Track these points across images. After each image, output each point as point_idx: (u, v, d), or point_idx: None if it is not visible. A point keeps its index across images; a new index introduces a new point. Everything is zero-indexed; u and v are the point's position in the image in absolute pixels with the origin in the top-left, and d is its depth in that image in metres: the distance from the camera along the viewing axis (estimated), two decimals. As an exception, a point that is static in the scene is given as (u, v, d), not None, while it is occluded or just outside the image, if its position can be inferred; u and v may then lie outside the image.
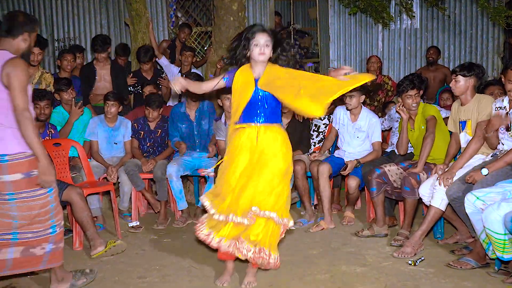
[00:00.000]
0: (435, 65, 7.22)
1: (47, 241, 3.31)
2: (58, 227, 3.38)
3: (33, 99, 4.68)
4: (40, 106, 4.75)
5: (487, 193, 3.60)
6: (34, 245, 3.29)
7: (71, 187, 4.25)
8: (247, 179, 3.37)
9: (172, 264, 4.02)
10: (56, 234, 3.36)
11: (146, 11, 6.75)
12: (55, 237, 3.36)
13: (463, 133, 4.23)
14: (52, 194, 3.30)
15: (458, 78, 4.14)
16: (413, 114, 4.61)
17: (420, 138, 4.50)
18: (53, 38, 8.34)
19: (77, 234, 4.40)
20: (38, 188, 3.21)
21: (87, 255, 4.21)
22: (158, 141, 5.40)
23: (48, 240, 3.32)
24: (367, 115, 5.03)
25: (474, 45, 8.16)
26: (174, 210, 5.20)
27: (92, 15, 8.35)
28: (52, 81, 5.48)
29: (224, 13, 6.22)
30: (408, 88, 4.52)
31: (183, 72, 6.32)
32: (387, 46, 8.29)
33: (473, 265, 3.71)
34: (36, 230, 3.27)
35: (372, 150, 5.03)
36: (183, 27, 7.22)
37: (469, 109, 4.17)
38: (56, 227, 3.36)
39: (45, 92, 4.92)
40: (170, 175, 4.98)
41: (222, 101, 5.11)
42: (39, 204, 3.24)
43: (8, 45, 3.23)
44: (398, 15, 8.12)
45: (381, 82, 6.88)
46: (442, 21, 8.14)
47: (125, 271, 3.87)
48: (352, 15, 8.07)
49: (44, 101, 4.77)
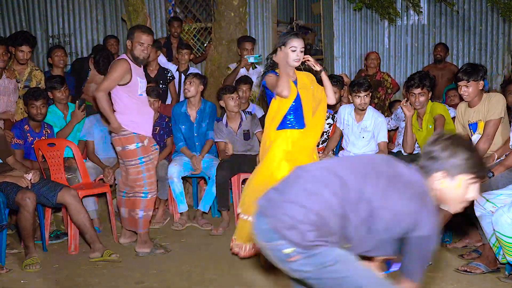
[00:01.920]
0: (443, 62, 7.21)
1: (139, 206, 4.27)
2: (150, 194, 4.29)
3: (28, 99, 4.73)
4: (36, 105, 4.73)
5: (498, 195, 3.59)
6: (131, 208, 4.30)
7: (65, 189, 4.25)
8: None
9: (171, 268, 4.02)
10: (147, 200, 4.27)
11: (143, 6, 6.74)
12: (145, 202, 4.26)
13: (476, 135, 4.20)
14: (144, 166, 4.22)
15: (470, 84, 4.09)
16: (421, 113, 4.60)
17: (428, 137, 4.48)
18: (48, 34, 8.33)
19: (72, 237, 4.40)
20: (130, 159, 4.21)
21: (83, 258, 4.21)
22: (157, 139, 5.38)
23: (140, 205, 4.26)
24: (372, 114, 5.02)
25: (484, 41, 8.14)
26: (173, 212, 5.19)
27: (88, 11, 8.34)
28: (42, 78, 5.45)
29: (224, 9, 6.23)
30: (413, 86, 4.52)
31: (180, 71, 6.31)
32: (394, 42, 8.26)
33: (482, 269, 3.70)
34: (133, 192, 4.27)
35: (378, 150, 5.02)
36: (172, 21, 7.19)
37: (479, 110, 4.14)
38: (148, 194, 4.27)
39: (40, 91, 4.89)
40: (171, 176, 4.98)
41: (225, 101, 5.10)
42: (134, 172, 4.23)
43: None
44: (404, 11, 8.09)
45: (381, 79, 6.86)
46: (451, 17, 8.11)
47: (122, 276, 3.87)
48: (357, 11, 8.04)
49: (40, 100, 4.75)
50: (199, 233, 4.90)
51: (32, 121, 4.81)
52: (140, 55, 4.20)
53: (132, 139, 4.18)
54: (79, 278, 3.87)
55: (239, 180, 5.15)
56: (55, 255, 4.35)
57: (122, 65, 4.11)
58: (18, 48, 5.23)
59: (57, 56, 5.83)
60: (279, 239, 2.00)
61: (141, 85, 4.25)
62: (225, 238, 4.71)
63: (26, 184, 4.15)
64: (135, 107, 4.21)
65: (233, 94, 5.10)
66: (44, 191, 4.22)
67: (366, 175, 2.06)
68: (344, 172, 2.08)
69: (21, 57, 5.26)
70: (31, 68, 5.43)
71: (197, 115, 5.28)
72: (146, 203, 4.29)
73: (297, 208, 2.00)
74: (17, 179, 4.17)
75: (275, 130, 3.79)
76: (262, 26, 7.92)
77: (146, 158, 4.25)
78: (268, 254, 2.09)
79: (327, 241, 1.98)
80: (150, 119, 4.38)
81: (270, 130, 3.82)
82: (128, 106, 4.18)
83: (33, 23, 8.36)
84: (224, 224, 4.94)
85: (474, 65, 4.20)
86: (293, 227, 1.97)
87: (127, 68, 4.11)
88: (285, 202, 2.05)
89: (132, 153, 4.20)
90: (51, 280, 3.84)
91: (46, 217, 4.56)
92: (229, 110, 5.13)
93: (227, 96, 5.06)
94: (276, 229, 2.00)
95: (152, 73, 6.06)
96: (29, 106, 4.76)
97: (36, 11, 8.32)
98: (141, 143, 4.20)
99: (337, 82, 5.20)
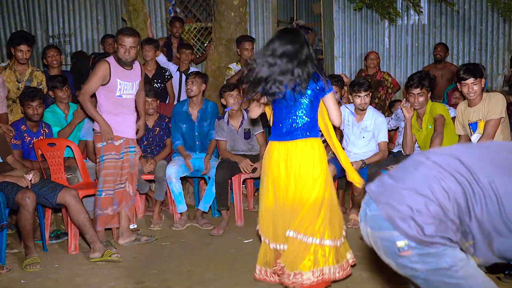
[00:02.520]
0: (443, 62, 7.22)
1: (95, 204, 4.43)
2: (104, 193, 4.37)
3: (24, 99, 4.74)
4: (33, 106, 4.73)
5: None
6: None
7: (65, 189, 4.26)
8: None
9: (171, 268, 4.03)
10: (101, 198, 4.36)
11: (144, 6, 6.75)
12: (100, 200, 4.37)
13: (476, 135, 4.22)
14: (102, 164, 4.35)
15: (477, 82, 4.11)
16: (421, 113, 4.62)
17: (428, 138, 4.51)
18: (48, 34, 8.35)
19: (72, 237, 4.41)
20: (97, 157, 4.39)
21: (83, 258, 4.23)
22: (157, 139, 5.40)
23: (96, 203, 4.43)
24: (372, 114, 5.04)
25: (484, 41, 8.16)
26: (173, 212, 5.21)
27: (88, 11, 8.36)
28: (44, 78, 5.47)
29: (224, 8, 6.23)
30: (412, 86, 4.54)
31: (181, 70, 6.33)
32: (394, 42, 8.29)
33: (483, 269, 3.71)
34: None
35: (378, 150, 5.04)
36: (173, 21, 7.22)
37: (479, 109, 4.16)
38: (102, 192, 4.36)
39: (36, 91, 4.88)
40: (170, 177, 4.99)
41: (226, 99, 5.11)
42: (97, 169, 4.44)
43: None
44: (405, 11, 8.12)
45: (381, 78, 6.88)
46: (451, 17, 8.13)
47: (122, 276, 3.88)
48: (357, 11, 8.07)
49: (36, 100, 4.75)
50: (199, 233, 4.91)
51: (29, 121, 4.82)
52: (123, 57, 4.35)
53: (99, 138, 4.36)
54: (79, 278, 3.88)
55: (240, 180, 5.17)
56: (55, 255, 4.36)
57: (100, 66, 4.30)
58: (17, 47, 5.23)
59: (49, 56, 5.87)
60: (392, 229, 1.81)
61: (122, 87, 4.38)
62: (225, 238, 4.73)
63: (26, 184, 4.16)
64: (111, 108, 4.36)
65: (233, 91, 5.10)
66: (44, 191, 4.23)
67: (498, 164, 1.82)
68: (472, 159, 1.84)
69: (20, 57, 5.26)
70: (32, 69, 5.44)
71: (198, 114, 5.30)
72: (101, 201, 4.38)
73: (416, 197, 1.79)
74: (17, 179, 4.19)
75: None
76: (262, 26, 7.94)
77: (107, 156, 4.35)
78: (375, 243, 1.92)
79: (447, 238, 1.77)
80: (129, 121, 4.48)
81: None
82: (104, 106, 4.37)
83: (33, 23, 8.38)
84: (224, 224, 4.96)
85: (474, 64, 4.23)
86: (410, 217, 1.77)
87: (106, 69, 4.29)
88: (402, 189, 1.84)
89: (98, 151, 4.40)
90: (51, 280, 3.85)
91: (46, 217, 4.58)
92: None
93: (228, 93, 5.08)
94: (389, 218, 1.80)
95: (150, 72, 6.08)
96: (25, 106, 4.76)
97: (36, 11, 8.34)
98: (107, 143, 4.33)
99: (337, 81, 5.23)
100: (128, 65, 4.40)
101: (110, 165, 4.36)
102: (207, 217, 5.28)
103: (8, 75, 5.27)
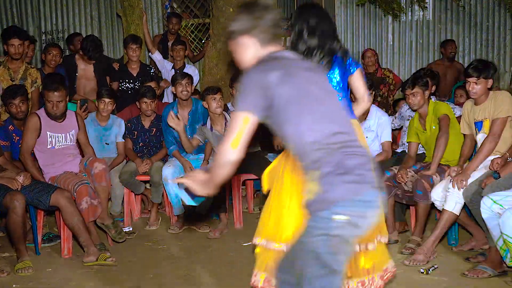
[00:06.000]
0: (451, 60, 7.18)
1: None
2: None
3: (6, 98, 4.72)
4: (15, 104, 4.67)
5: (505, 196, 3.59)
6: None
7: (59, 190, 4.25)
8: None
9: (168, 272, 4.03)
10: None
11: (139, 1, 6.74)
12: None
13: (481, 134, 4.21)
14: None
15: (480, 81, 4.10)
16: (423, 113, 4.58)
17: (432, 138, 4.49)
18: (41, 30, 8.34)
19: (65, 240, 4.40)
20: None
21: (77, 262, 4.22)
22: (153, 140, 5.37)
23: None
24: (376, 113, 5.02)
25: (491, 38, 8.15)
26: (170, 214, 5.19)
27: (82, 6, 8.35)
28: (39, 76, 5.43)
29: (223, 4, 6.22)
30: (404, 87, 4.57)
31: (176, 68, 6.30)
32: (398, 39, 8.28)
33: (489, 273, 3.71)
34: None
35: (381, 150, 5.02)
36: (170, 17, 7.20)
37: (485, 108, 4.15)
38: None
39: (17, 87, 4.81)
40: (166, 178, 4.96)
41: (208, 102, 4.96)
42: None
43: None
44: (409, 6, 8.11)
45: (382, 75, 6.81)
46: (456, 13, 8.13)
47: (118, 280, 3.88)
48: (360, 6, 8.07)
49: (18, 98, 4.67)
50: (196, 235, 4.90)
51: (16, 120, 4.79)
52: (52, 112, 4.53)
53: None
54: (73, 282, 3.88)
55: (239, 182, 5.15)
56: (48, 259, 4.35)
57: (29, 122, 4.51)
58: (8, 42, 5.14)
59: (50, 55, 5.86)
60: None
61: (53, 140, 4.56)
62: (223, 240, 4.73)
63: (17, 186, 4.15)
64: (48, 160, 4.58)
65: (217, 94, 4.98)
66: (37, 192, 4.22)
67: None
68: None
69: (13, 52, 5.16)
70: (26, 66, 5.39)
71: (189, 116, 5.23)
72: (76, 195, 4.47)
73: None
74: (8, 180, 4.18)
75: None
76: (262, 22, 7.91)
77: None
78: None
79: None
80: (66, 166, 4.61)
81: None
82: (41, 160, 4.60)
83: (26, 19, 8.37)
84: (221, 227, 4.94)
85: (485, 61, 4.19)
86: None
87: (35, 122, 4.49)
88: None
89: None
90: (44, 284, 3.85)
91: (39, 219, 4.56)
92: (211, 111, 4.98)
93: (211, 96, 4.93)
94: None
95: (134, 71, 6.06)
96: (8, 105, 4.73)
97: (29, 7, 8.33)
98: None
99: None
100: (59, 118, 4.56)
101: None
102: (205, 219, 5.26)
103: (1, 73, 5.23)
